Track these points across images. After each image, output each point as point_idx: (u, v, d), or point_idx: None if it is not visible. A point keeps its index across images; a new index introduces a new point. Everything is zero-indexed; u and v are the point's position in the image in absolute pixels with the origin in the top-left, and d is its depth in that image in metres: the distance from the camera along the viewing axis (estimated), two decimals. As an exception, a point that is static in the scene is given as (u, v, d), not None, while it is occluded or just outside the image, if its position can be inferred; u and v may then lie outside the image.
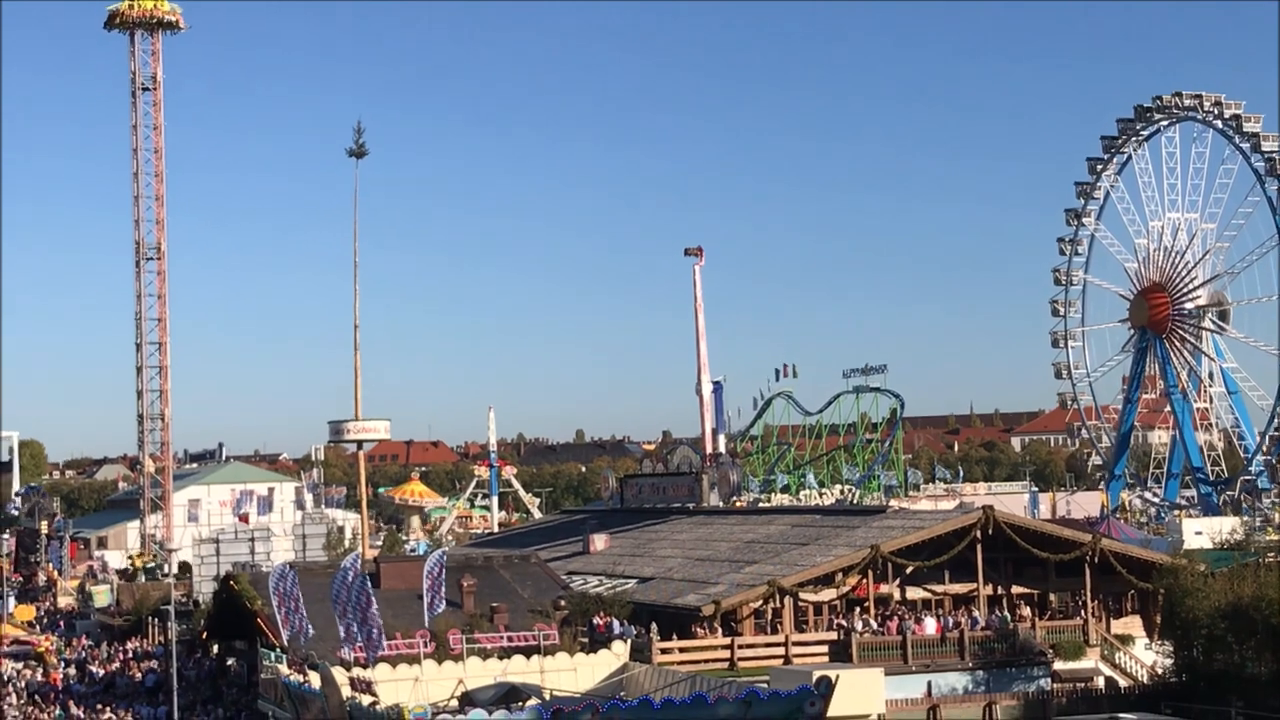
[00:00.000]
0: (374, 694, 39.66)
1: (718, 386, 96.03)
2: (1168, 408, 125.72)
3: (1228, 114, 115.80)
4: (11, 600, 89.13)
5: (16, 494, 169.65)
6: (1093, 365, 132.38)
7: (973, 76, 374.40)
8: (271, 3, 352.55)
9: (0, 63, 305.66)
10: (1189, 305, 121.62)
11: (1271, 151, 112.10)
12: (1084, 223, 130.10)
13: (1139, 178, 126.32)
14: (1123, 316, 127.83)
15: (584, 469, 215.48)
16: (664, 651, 53.26)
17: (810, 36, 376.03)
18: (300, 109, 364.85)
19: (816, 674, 38.18)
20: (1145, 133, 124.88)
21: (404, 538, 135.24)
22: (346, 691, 39.52)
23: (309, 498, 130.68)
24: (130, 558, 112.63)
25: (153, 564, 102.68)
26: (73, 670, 69.21)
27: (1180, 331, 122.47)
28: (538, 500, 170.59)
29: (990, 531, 59.36)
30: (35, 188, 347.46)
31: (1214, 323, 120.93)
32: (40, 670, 69.97)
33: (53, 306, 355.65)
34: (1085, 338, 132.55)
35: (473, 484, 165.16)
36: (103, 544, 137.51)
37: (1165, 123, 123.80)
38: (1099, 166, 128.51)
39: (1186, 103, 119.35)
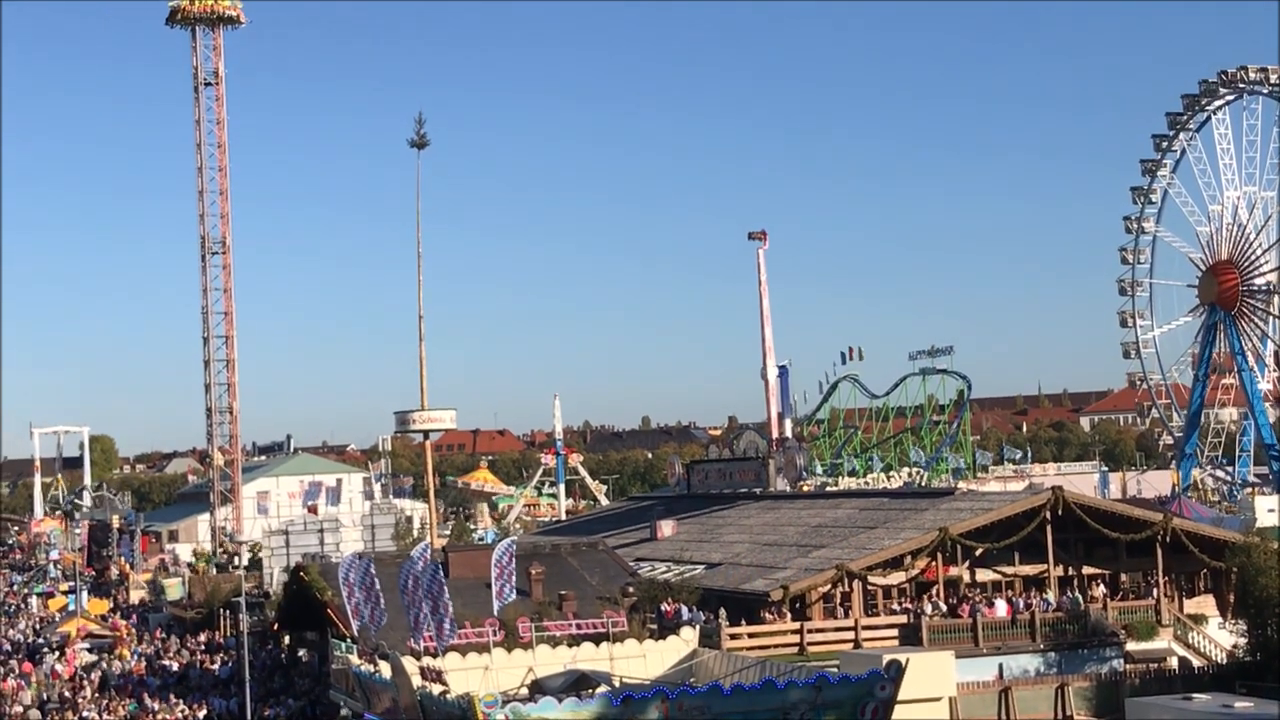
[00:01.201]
0: (444, 683, 39.74)
1: (783, 370, 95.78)
2: (1238, 384, 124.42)
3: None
4: (85, 594, 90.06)
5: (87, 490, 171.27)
6: (1159, 323, 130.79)
7: (1037, 56, 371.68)
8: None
9: None
10: (1259, 281, 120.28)
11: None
12: (1159, 175, 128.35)
13: (1218, 144, 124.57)
14: (1191, 280, 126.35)
15: (650, 455, 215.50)
16: (733, 637, 53.17)
17: (873, 25, 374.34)
18: (362, 99, 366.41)
19: (887, 658, 37.99)
20: (1227, 98, 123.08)
21: (472, 526, 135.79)
22: (417, 681, 39.63)
23: (377, 488, 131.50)
24: (195, 552, 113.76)
25: (223, 558, 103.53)
26: (145, 663, 69.90)
27: (1250, 308, 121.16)
28: (604, 487, 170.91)
29: (1060, 512, 58.93)
30: (101, 183, 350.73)
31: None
32: (115, 661, 70.70)
33: (122, 302, 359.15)
34: (1152, 291, 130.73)
35: (539, 472, 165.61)
36: (174, 537, 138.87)
37: (1229, 96, 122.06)
38: (1178, 123, 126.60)
39: (1274, 78, 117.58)
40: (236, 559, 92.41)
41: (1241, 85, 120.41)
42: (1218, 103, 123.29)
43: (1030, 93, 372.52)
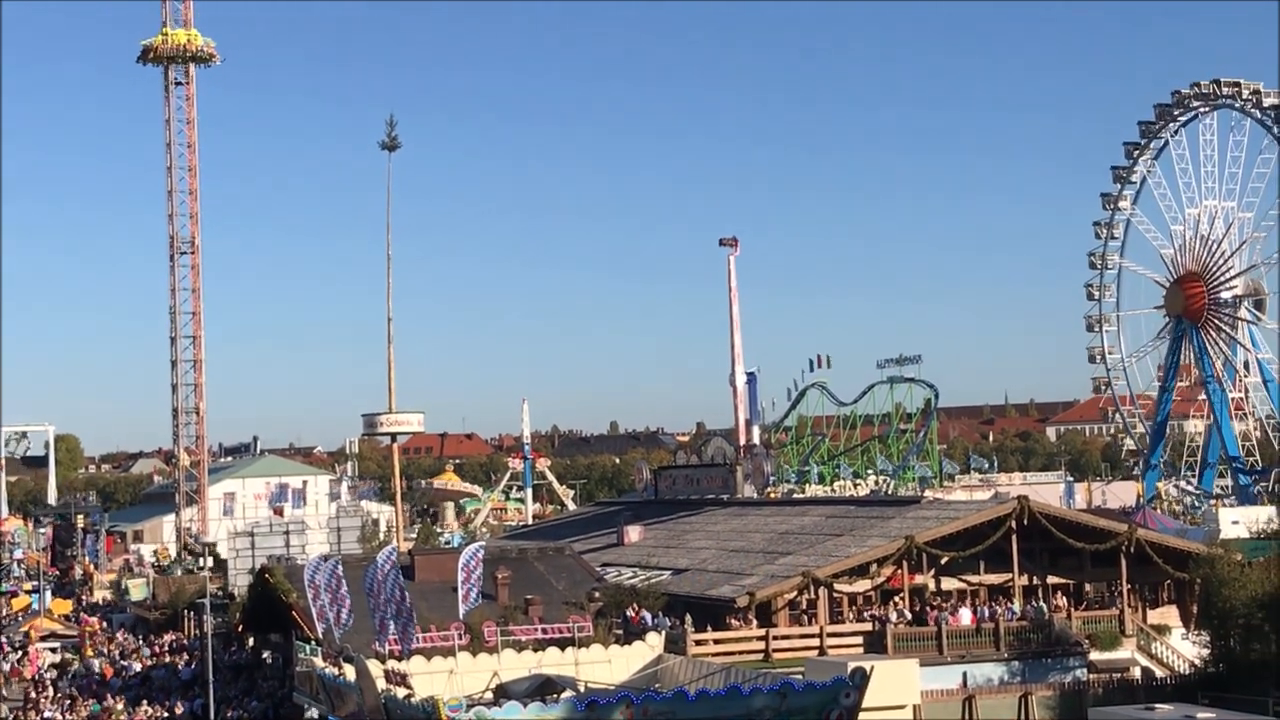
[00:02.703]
0: (409, 686, 39.68)
1: (752, 377, 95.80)
2: (1203, 397, 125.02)
3: (1266, 103, 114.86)
4: (49, 594, 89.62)
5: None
6: (1128, 351, 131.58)
7: (1007, 67, 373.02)
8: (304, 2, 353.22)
9: None
10: (1225, 294, 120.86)
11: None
12: (1120, 207, 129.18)
13: (1176, 164, 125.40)
14: (1158, 303, 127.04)
15: (618, 461, 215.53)
16: (698, 643, 53.21)
17: (843, 30, 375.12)
18: (334, 105, 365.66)
19: (851, 665, 38.06)
20: (1183, 119, 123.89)
21: (438, 530, 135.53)
22: (381, 684, 39.56)
23: (344, 490, 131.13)
24: (158, 553, 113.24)
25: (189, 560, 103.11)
26: (108, 664, 69.58)
27: (1216, 321, 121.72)
28: (572, 492, 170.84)
29: (1025, 521, 59.13)
30: (69, 182, 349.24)
31: (1250, 312, 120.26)
32: (78, 661, 70.41)
33: (89, 301, 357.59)
34: (1120, 323, 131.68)
35: (507, 476, 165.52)
36: (139, 538, 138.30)
37: (1204, 109, 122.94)
38: (1136, 151, 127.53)
39: (1225, 90, 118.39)
40: (201, 560, 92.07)
41: (1215, 99, 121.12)
42: (1190, 114, 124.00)
43: (1000, 101, 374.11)
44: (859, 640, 55.51)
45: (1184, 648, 58.83)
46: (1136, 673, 57.44)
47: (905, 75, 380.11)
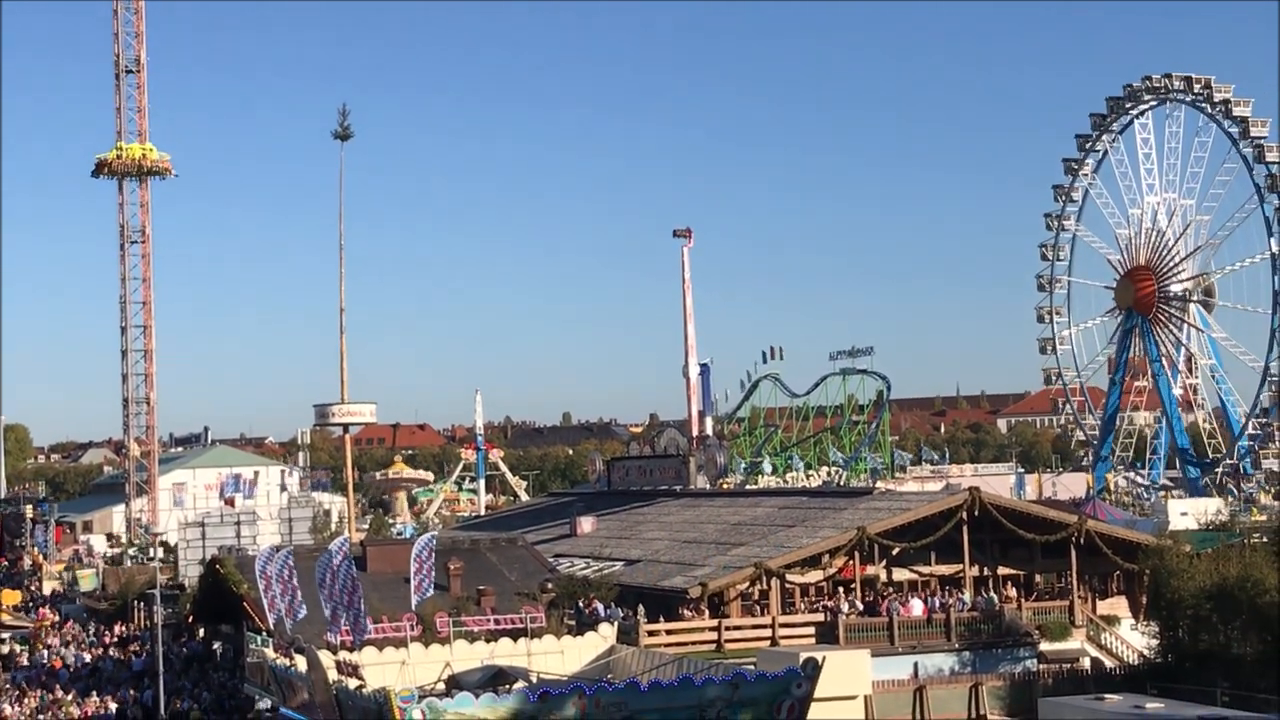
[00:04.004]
0: (361, 677, 39.57)
1: (705, 369, 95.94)
2: (1152, 389, 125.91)
3: (1218, 98, 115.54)
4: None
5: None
6: (1078, 343, 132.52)
7: (958, 59, 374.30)
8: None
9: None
10: (1175, 288, 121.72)
11: (1273, 162, 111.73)
12: (1072, 198, 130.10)
13: (1127, 158, 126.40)
14: (1108, 296, 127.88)
15: (571, 452, 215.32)
16: (651, 634, 53.23)
17: (796, 24, 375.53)
18: (285, 91, 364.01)
19: (803, 655, 38.12)
20: (1134, 111, 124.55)
21: (390, 521, 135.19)
22: (333, 675, 39.43)
23: (295, 481, 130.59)
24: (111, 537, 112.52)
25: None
26: (57, 655, 69.11)
27: (1165, 314, 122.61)
28: (524, 483, 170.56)
29: (976, 513, 59.41)
30: (16, 168, 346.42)
31: (1199, 311, 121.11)
32: (27, 654, 69.88)
33: (37, 290, 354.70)
34: (1071, 313, 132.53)
35: (459, 467, 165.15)
36: (88, 528, 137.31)
37: (1155, 104, 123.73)
38: (1087, 144, 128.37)
39: (1177, 85, 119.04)
40: (151, 550, 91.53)
41: (1164, 93, 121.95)
42: (1141, 107, 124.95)
43: (952, 96, 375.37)
44: (811, 631, 55.67)
45: (1133, 638, 59.19)
46: (1086, 663, 57.80)
47: (856, 67, 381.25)
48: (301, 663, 42.71)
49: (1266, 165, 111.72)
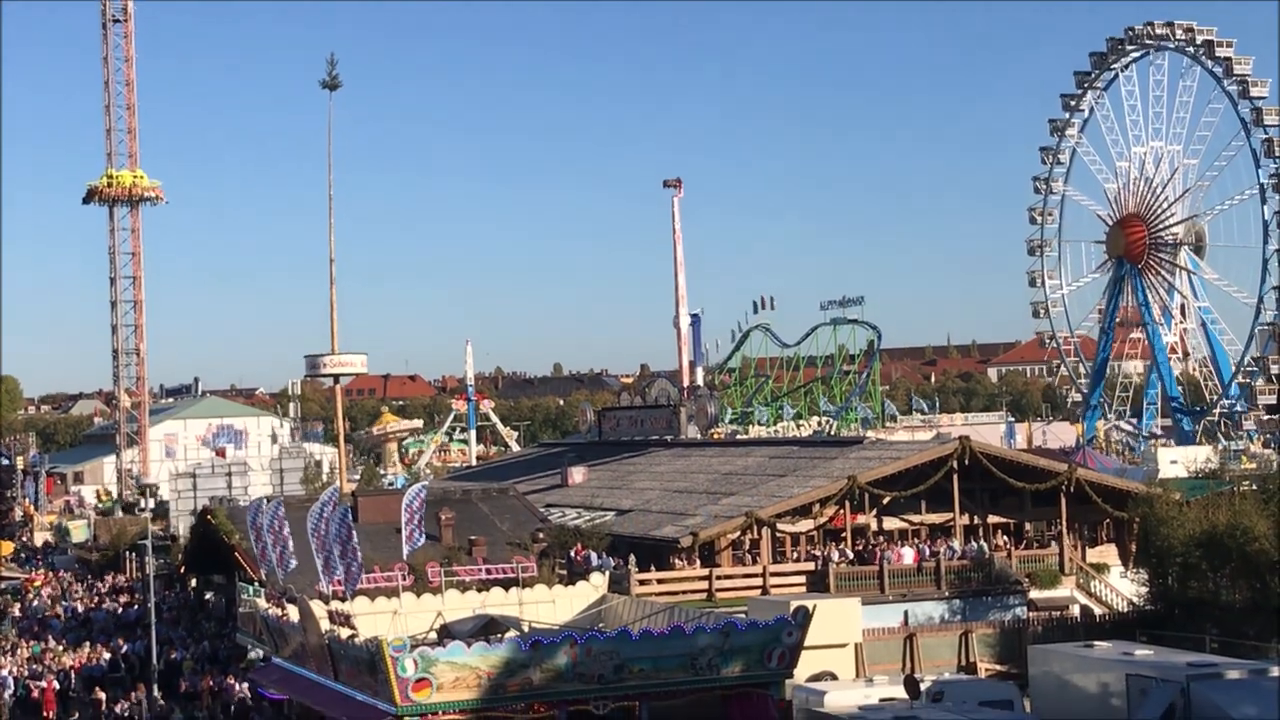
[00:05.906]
0: (353, 627, 39.61)
1: (695, 319, 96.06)
2: (1144, 338, 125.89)
3: (1219, 53, 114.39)
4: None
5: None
6: (1069, 286, 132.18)
7: (950, 8, 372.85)
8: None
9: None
10: (1166, 237, 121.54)
11: (1259, 98, 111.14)
12: (1067, 135, 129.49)
13: (1102, 124, 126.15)
14: (1099, 238, 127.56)
15: (562, 402, 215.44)
16: (642, 583, 53.39)
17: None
18: (274, 40, 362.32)
19: (794, 604, 38.14)
20: (1134, 54, 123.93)
21: (381, 471, 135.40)
22: (325, 625, 39.47)
23: (285, 431, 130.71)
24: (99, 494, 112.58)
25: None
26: (50, 605, 69.30)
27: (1156, 263, 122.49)
28: (515, 434, 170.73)
29: (966, 462, 59.51)
30: (6, 119, 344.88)
31: (1189, 255, 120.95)
32: (19, 605, 70.04)
33: (27, 242, 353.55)
34: (1061, 252, 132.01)
35: (450, 418, 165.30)
36: (79, 479, 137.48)
37: (1135, 52, 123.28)
38: (1085, 81, 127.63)
39: (1177, 34, 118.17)
40: (143, 501, 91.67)
41: (1148, 41, 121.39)
42: (1125, 59, 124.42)
43: (944, 45, 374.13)
44: (802, 580, 55.81)
45: (1123, 586, 59.39)
46: (1076, 611, 57.97)
47: (850, 11, 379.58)
48: (294, 613, 42.76)
49: (1264, 128, 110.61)
